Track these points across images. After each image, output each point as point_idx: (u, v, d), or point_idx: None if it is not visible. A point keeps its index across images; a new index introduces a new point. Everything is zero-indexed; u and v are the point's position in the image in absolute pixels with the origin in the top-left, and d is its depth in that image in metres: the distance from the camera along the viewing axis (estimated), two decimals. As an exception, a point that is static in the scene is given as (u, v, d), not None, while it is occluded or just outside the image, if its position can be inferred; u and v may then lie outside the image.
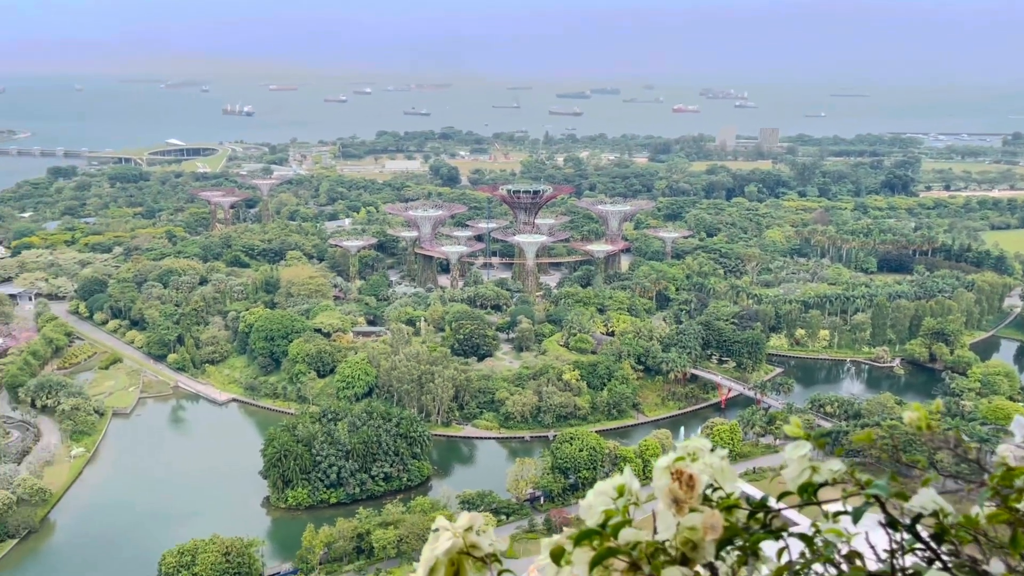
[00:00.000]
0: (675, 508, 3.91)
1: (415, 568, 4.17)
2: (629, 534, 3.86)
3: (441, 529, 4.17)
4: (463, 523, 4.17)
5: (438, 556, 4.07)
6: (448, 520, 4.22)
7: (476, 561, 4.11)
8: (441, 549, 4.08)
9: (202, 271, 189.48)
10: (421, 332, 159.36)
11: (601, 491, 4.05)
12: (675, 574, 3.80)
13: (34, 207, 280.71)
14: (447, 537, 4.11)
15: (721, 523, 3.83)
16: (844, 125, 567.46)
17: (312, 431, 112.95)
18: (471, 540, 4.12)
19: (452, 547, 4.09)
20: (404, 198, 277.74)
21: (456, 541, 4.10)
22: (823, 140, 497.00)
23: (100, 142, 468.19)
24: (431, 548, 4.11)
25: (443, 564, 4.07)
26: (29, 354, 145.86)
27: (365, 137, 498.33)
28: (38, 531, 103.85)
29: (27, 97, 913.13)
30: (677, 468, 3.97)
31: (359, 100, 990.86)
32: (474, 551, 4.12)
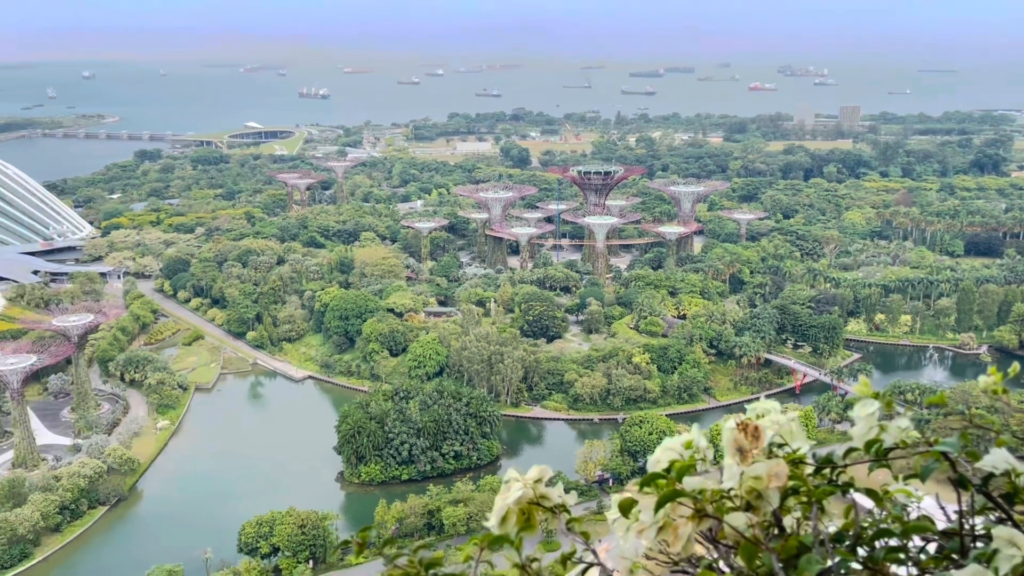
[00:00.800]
0: (739, 457, 3.98)
1: None
2: (695, 481, 3.93)
3: (512, 480, 4.31)
4: (533, 475, 4.31)
5: (509, 505, 4.21)
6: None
7: (545, 511, 4.23)
8: (512, 498, 4.22)
9: (279, 251, 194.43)
10: (491, 313, 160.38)
11: (669, 446, 4.17)
12: (740, 519, 3.84)
13: (122, 189, 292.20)
14: (517, 487, 4.24)
15: (786, 472, 3.85)
16: (931, 102, 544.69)
17: (385, 409, 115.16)
18: (541, 491, 4.26)
19: (522, 497, 4.22)
20: (475, 180, 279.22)
21: (526, 491, 4.23)
22: (907, 118, 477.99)
23: (183, 126, 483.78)
24: (503, 497, 4.25)
25: (514, 512, 4.21)
26: (118, 330, 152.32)
27: (437, 119, 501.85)
28: (127, 499, 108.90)
29: (115, 83, 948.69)
30: (743, 420, 4.04)
31: (431, 82, 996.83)
32: (543, 501, 4.25)
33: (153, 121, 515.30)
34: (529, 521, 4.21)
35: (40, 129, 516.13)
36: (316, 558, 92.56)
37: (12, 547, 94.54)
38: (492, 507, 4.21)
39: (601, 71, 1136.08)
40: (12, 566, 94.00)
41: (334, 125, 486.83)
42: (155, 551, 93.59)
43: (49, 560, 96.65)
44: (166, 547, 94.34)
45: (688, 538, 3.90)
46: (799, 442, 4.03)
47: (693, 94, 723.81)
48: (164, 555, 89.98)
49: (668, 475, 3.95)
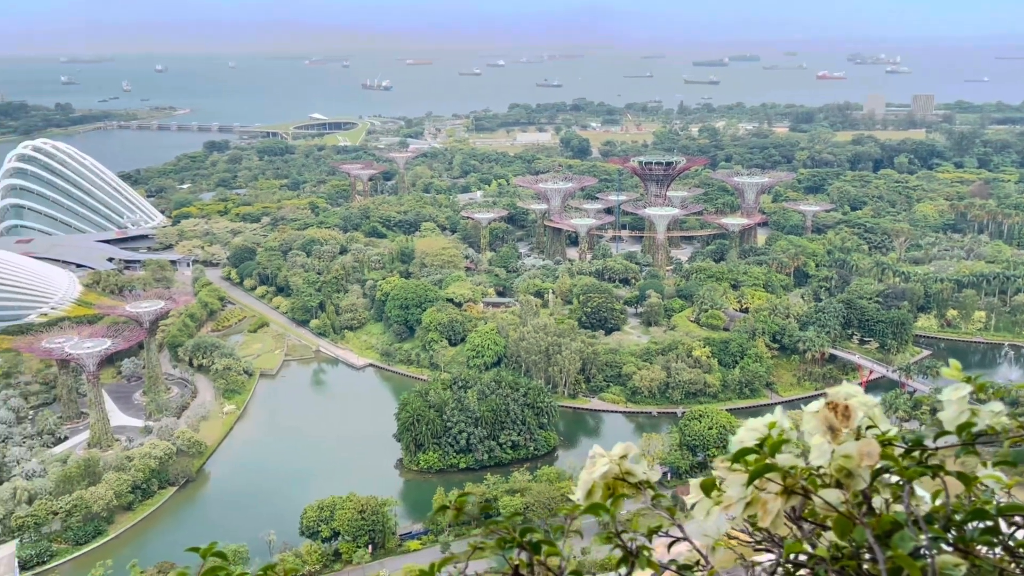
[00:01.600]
0: (830, 436, 4.01)
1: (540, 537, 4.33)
2: (786, 457, 3.99)
3: (597, 456, 4.47)
4: (618, 451, 4.47)
5: (595, 479, 4.37)
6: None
7: (630, 487, 4.37)
8: (598, 473, 4.38)
9: (342, 241, 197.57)
10: (549, 304, 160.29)
11: (752, 427, 4.22)
12: (833, 495, 3.88)
13: (192, 179, 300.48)
14: (603, 463, 4.41)
15: (877, 451, 3.89)
16: (1009, 90, 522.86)
17: (443, 397, 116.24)
18: (626, 467, 4.41)
19: (608, 472, 4.38)
20: (534, 170, 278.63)
21: (612, 467, 4.39)
22: (985, 107, 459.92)
23: (250, 117, 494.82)
24: (588, 472, 4.41)
25: (599, 487, 4.37)
26: (187, 316, 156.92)
27: (498, 110, 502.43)
28: (194, 480, 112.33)
29: (186, 76, 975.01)
30: (832, 400, 4.08)
31: (492, 73, 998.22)
32: (628, 477, 4.39)
33: (222, 113, 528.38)
34: (613, 496, 4.35)
35: (116, 121, 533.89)
36: (375, 543, 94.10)
37: (87, 524, 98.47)
38: (548, 498, 4.23)
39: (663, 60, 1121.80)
40: (87, 542, 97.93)
41: (396, 116, 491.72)
42: (221, 531, 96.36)
43: (121, 537, 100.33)
44: (231, 528, 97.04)
45: (778, 514, 3.95)
46: (884, 424, 4.05)
47: (758, 83, 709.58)
48: (229, 535, 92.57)
49: (760, 450, 4.00)
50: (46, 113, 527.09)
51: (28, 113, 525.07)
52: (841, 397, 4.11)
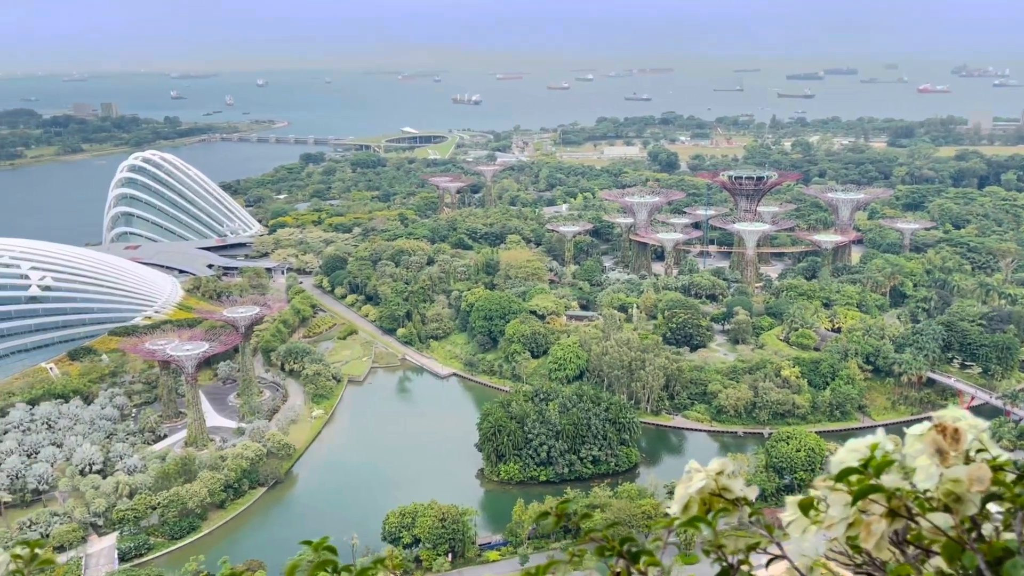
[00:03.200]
0: (939, 459, 3.89)
1: None
2: (892, 478, 3.88)
3: (693, 471, 4.44)
4: (715, 467, 4.43)
5: (691, 494, 4.33)
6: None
7: (727, 503, 4.32)
8: (694, 488, 4.35)
9: (430, 252, 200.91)
10: (633, 319, 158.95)
11: (853, 448, 4.10)
12: (942, 519, 3.76)
13: (288, 190, 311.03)
14: (700, 478, 4.37)
15: (988, 477, 3.75)
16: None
17: (525, 409, 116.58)
18: (723, 483, 4.36)
19: (704, 488, 4.34)
20: (621, 184, 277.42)
21: (708, 482, 4.35)
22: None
23: (344, 130, 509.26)
24: (684, 487, 4.39)
25: (695, 502, 4.33)
26: (280, 322, 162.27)
27: (585, 123, 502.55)
28: (283, 482, 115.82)
29: (285, 90, 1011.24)
30: (941, 423, 3.96)
31: (581, 87, 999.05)
32: (725, 493, 4.34)
33: (318, 126, 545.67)
34: (710, 512, 4.31)
35: (219, 133, 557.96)
36: (455, 552, 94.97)
37: (182, 519, 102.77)
38: (629, 514, 4.36)
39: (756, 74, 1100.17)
40: (182, 537, 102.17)
41: (485, 130, 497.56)
42: (306, 532, 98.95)
43: (213, 534, 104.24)
44: (316, 529, 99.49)
45: (882, 536, 3.86)
46: (995, 450, 3.92)
47: (855, 97, 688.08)
48: (314, 536, 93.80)
49: (865, 470, 3.91)
50: (156, 126, 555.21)
51: (139, 126, 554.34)
52: (950, 420, 4.00)
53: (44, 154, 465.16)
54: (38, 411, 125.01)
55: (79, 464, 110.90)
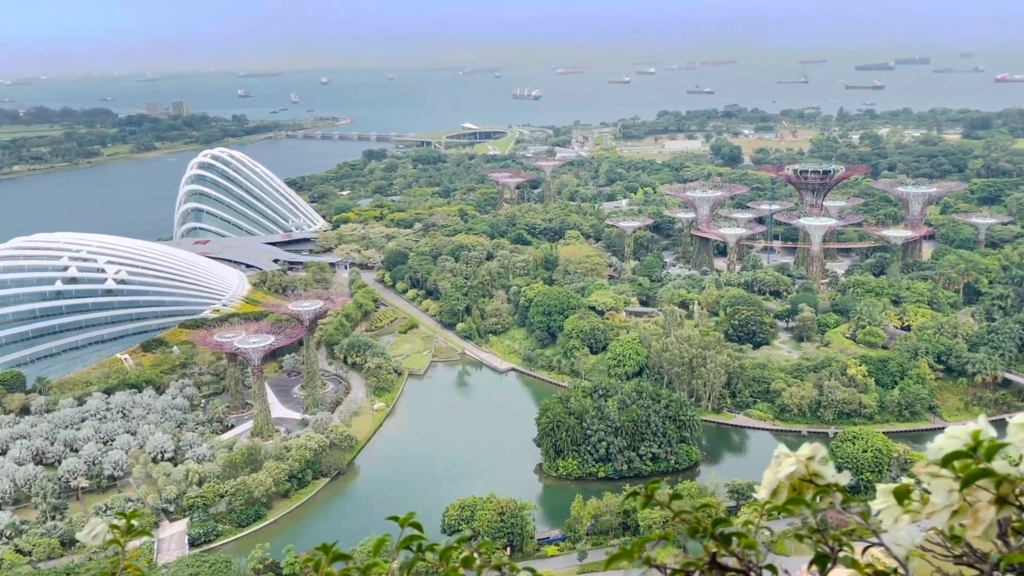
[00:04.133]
0: None
1: (678, 551, 4.43)
2: (1000, 464, 3.76)
3: (783, 456, 4.37)
4: (806, 452, 4.33)
5: (780, 479, 4.26)
6: (714, 504, 4.42)
7: (817, 489, 4.21)
8: (784, 473, 4.27)
9: (489, 247, 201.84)
10: (694, 315, 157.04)
11: (953, 435, 3.98)
12: None
13: (351, 186, 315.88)
14: (790, 463, 4.28)
15: None
16: None
17: (584, 405, 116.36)
18: (814, 469, 4.26)
19: (795, 473, 4.25)
20: (682, 179, 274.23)
21: (799, 468, 4.26)
22: None
23: (406, 127, 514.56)
24: (773, 471, 4.31)
25: (785, 487, 4.25)
26: (343, 316, 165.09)
27: (646, 117, 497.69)
28: (345, 473, 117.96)
29: (348, 88, 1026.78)
30: None
31: (642, 80, 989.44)
32: (816, 479, 4.24)
33: (380, 123, 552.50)
34: (799, 498, 4.21)
35: (284, 131, 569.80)
36: (513, 546, 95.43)
37: (249, 508, 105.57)
38: (685, 512, 4.32)
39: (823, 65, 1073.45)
40: (248, 524, 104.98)
41: (544, 125, 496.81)
42: (368, 523, 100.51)
43: (278, 523, 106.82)
44: (377, 520, 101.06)
45: (991, 524, 3.74)
46: None
47: (928, 87, 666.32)
48: (376, 527, 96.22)
49: (974, 454, 3.78)
50: (224, 124, 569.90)
51: (208, 124, 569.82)
52: None
53: (119, 152, 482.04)
54: (114, 400, 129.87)
55: (152, 452, 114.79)
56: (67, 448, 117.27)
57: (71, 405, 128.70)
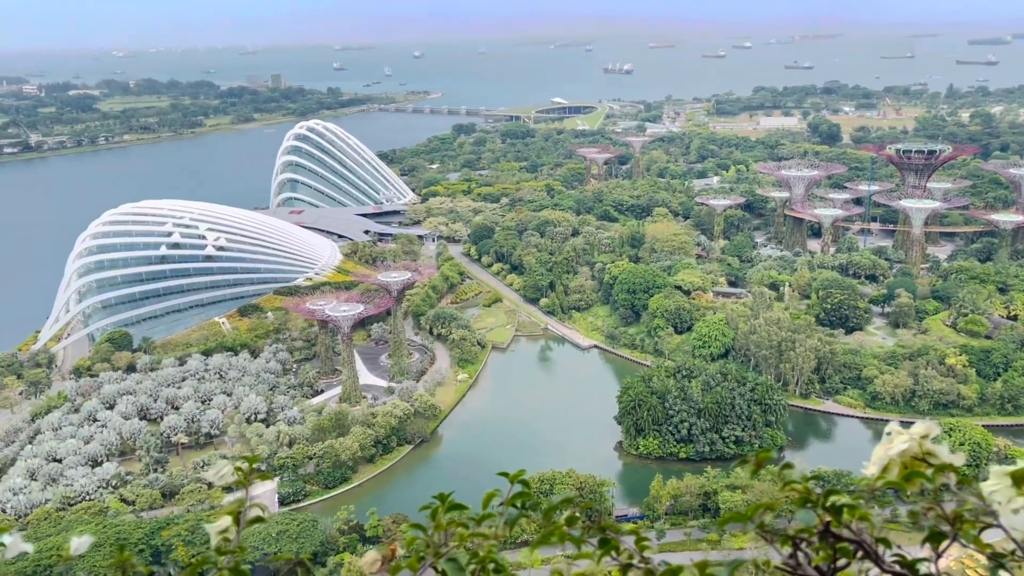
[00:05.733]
0: None
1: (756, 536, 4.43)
2: None
3: (895, 432, 4.31)
4: (919, 430, 4.25)
5: (892, 456, 4.20)
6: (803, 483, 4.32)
7: (929, 468, 4.13)
8: (896, 450, 4.20)
9: (574, 223, 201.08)
10: (784, 297, 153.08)
11: None
12: None
13: (440, 160, 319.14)
14: (903, 440, 4.22)
15: None
16: None
17: (666, 385, 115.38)
18: (927, 447, 4.18)
19: (907, 451, 4.18)
20: (777, 156, 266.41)
21: (912, 445, 4.19)
22: None
23: (495, 101, 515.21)
24: (884, 448, 4.26)
25: (896, 465, 4.19)
26: (430, 288, 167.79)
27: (741, 93, 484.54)
28: (428, 441, 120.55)
29: (440, 61, 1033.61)
30: None
31: (738, 55, 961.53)
32: (929, 458, 4.15)
33: (470, 97, 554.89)
34: (911, 477, 4.14)
35: (377, 104, 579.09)
36: (592, 522, 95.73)
37: (335, 470, 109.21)
38: (771, 497, 4.29)
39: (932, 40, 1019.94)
40: (335, 487, 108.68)
41: (635, 100, 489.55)
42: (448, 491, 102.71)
43: (363, 486, 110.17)
44: (458, 489, 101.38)
45: None
46: None
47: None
48: (457, 497, 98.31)
49: None
50: (319, 96, 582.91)
51: (305, 96, 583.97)
52: None
53: (221, 123, 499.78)
54: (212, 362, 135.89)
55: (246, 413, 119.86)
56: (168, 405, 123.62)
57: (173, 365, 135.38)
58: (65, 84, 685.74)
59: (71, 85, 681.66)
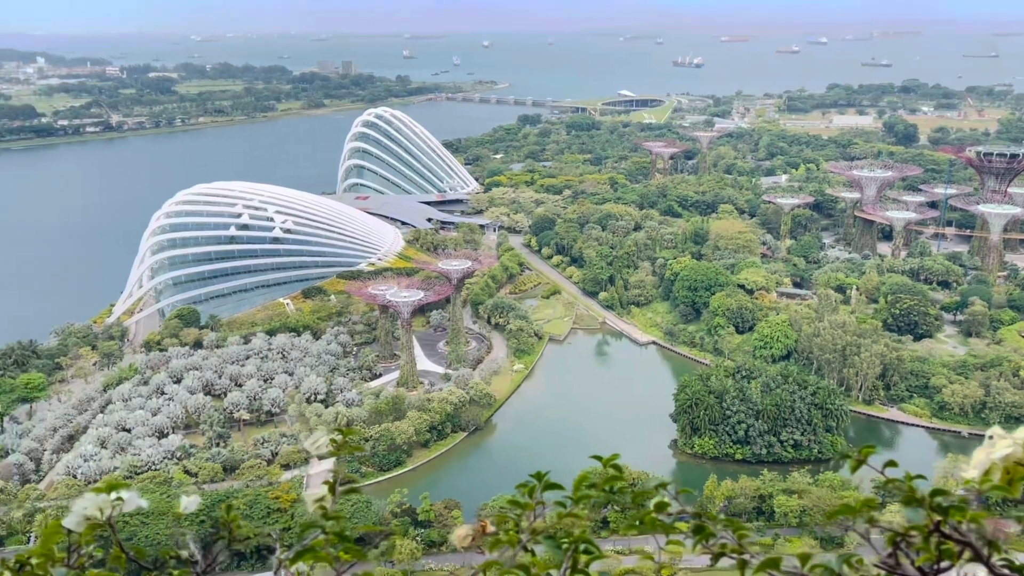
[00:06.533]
0: None
1: (814, 543, 4.37)
2: None
3: (997, 437, 4.24)
4: (1023, 435, 4.20)
5: (994, 460, 4.14)
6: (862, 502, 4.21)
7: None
8: (998, 455, 4.14)
9: (637, 217, 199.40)
10: (851, 301, 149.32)
11: None
12: None
13: (504, 150, 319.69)
14: (1005, 444, 4.16)
15: None
16: None
17: (725, 385, 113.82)
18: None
19: (1010, 455, 4.12)
20: (849, 156, 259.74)
21: (1016, 450, 4.13)
22: None
23: (562, 92, 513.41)
24: (986, 452, 4.21)
25: (998, 469, 4.14)
26: (489, 277, 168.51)
27: (814, 90, 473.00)
28: (483, 429, 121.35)
29: (509, 52, 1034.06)
30: None
31: (812, 51, 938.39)
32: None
33: (536, 87, 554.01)
34: (1012, 482, 4.07)
35: (444, 93, 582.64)
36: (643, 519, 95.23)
37: (390, 453, 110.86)
38: (829, 504, 4.25)
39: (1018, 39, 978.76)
40: (390, 469, 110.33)
41: (704, 95, 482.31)
42: (501, 480, 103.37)
43: (417, 471, 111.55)
44: (510, 478, 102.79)
45: None
46: None
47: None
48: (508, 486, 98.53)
49: None
50: (388, 84, 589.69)
51: (374, 83, 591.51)
52: None
53: (292, 108, 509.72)
54: (275, 341, 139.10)
55: (306, 393, 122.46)
56: (232, 382, 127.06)
57: (238, 343, 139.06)
58: (145, 67, 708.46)
59: (151, 68, 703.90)
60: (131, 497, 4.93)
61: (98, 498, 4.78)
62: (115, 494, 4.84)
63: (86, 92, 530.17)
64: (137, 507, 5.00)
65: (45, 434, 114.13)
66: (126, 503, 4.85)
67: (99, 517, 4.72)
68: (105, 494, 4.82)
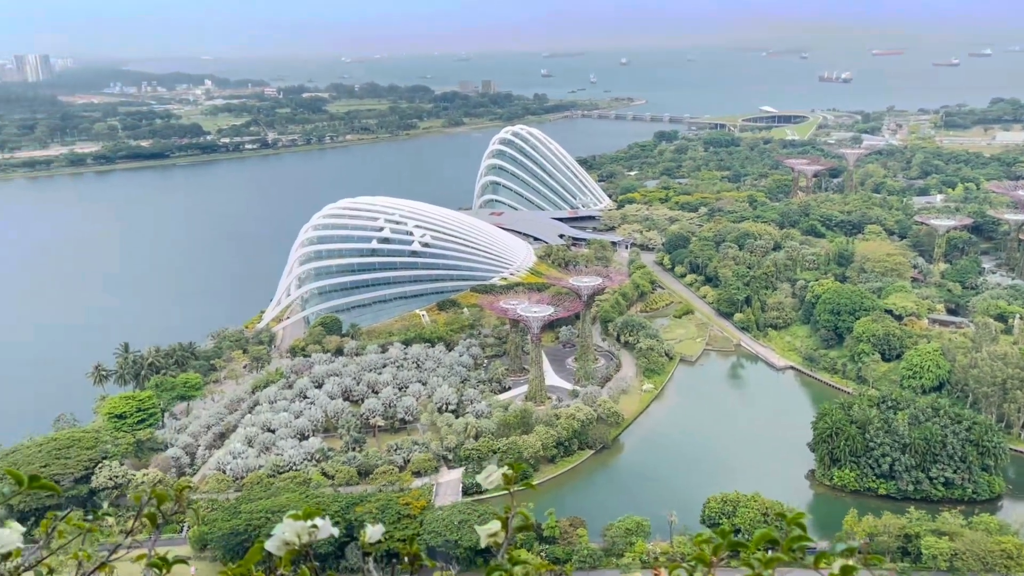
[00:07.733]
0: None
1: None
2: None
3: None
4: None
5: None
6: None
7: None
8: None
9: (777, 237, 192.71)
10: (1013, 331, 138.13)
11: None
12: None
13: (639, 167, 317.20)
14: None
15: None
16: None
17: (869, 415, 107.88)
18: None
19: None
20: (1014, 175, 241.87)
21: None
22: None
23: (700, 108, 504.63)
24: None
25: None
26: (620, 295, 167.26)
27: (975, 105, 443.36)
28: (609, 448, 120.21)
29: (646, 68, 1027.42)
30: None
31: (975, 63, 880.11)
32: None
33: (674, 104, 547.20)
34: None
35: (580, 110, 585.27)
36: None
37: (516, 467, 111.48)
38: (984, 550, 4.08)
39: None
40: (515, 483, 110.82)
41: (852, 111, 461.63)
42: (626, 501, 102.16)
43: (542, 486, 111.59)
44: (636, 500, 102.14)
45: None
46: None
47: None
48: (633, 507, 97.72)
49: None
50: (526, 102, 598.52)
51: (512, 101, 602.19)
52: None
53: (433, 126, 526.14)
54: (410, 351, 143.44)
55: (438, 402, 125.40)
56: (369, 389, 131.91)
57: (376, 351, 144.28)
58: (299, 87, 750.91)
59: (304, 88, 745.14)
60: (324, 525, 5.50)
61: (296, 525, 5.34)
62: (311, 522, 5.37)
63: (246, 112, 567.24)
64: (330, 535, 5.55)
65: (200, 431, 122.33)
66: (320, 530, 5.37)
67: (296, 543, 5.30)
68: (303, 521, 5.40)
